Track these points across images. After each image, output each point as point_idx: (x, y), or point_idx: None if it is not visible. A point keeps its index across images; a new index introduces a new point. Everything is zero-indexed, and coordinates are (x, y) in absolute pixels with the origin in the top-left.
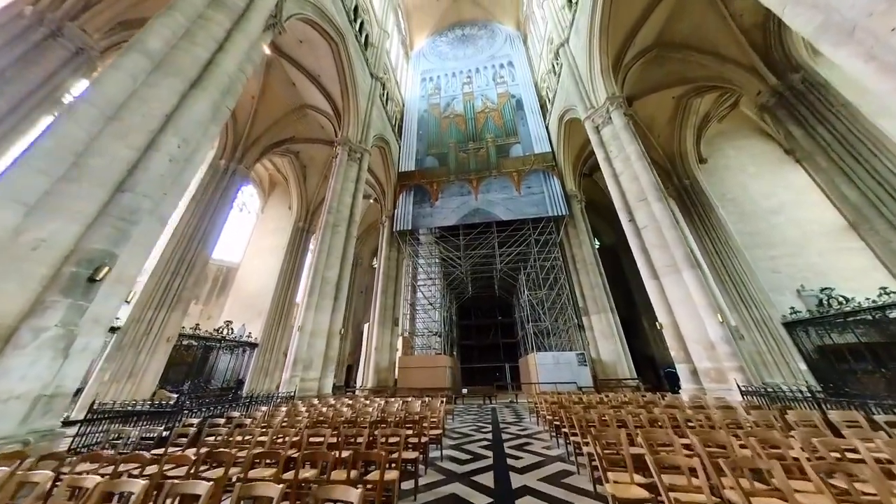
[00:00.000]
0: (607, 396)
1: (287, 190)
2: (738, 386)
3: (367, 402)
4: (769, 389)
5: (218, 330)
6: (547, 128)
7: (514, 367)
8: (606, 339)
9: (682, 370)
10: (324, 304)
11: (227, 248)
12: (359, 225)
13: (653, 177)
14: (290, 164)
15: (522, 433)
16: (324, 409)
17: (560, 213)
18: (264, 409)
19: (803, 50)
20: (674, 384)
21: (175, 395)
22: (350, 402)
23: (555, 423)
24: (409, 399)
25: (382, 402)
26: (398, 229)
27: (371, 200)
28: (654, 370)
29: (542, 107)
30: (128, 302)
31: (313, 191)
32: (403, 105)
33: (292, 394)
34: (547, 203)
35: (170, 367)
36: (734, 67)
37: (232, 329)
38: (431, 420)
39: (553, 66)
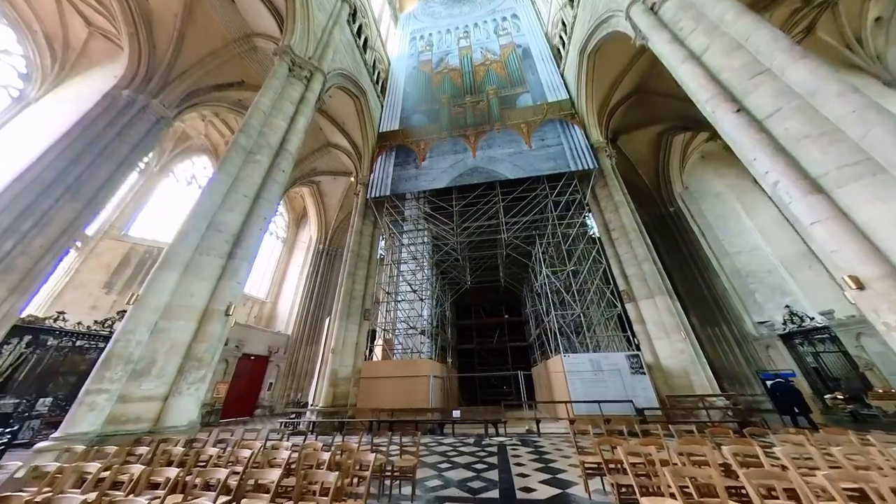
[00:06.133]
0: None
1: None
2: None
3: (221, 455)
4: None
5: (104, 323)
6: (562, 75)
7: (528, 375)
8: (668, 335)
9: None
10: (203, 262)
11: (161, 225)
12: (338, 209)
13: (775, 30)
14: None
15: None
16: None
17: (586, 167)
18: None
19: None
20: (786, 404)
21: None
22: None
23: None
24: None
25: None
26: (374, 195)
27: (352, 179)
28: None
29: (555, 57)
30: None
31: None
32: (389, 65)
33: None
34: (568, 156)
35: (50, 375)
36: None
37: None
38: None
39: None
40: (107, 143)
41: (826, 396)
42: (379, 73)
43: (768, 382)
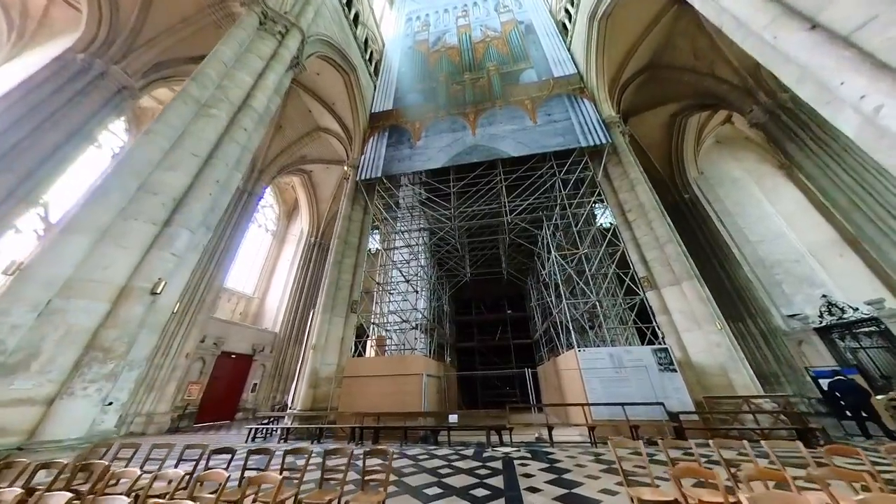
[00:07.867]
0: None
1: None
2: None
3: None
4: None
5: None
6: (569, 50)
7: (534, 374)
8: (700, 326)
9: None
10: (128, 228)
11: None
12: (330, 201)
13: None
14: None
15: None
16: None
17: (598, 143)
18: None
19: None
20: (849, 406)
21: None
22: None
23: None
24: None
25: None
26: (364, 177)
27: (345, 168)
28: None
29: (561, 34)
30: None
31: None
32: (383, 45)
33: None
34: (577, 132)
35: None
36: None
37: None
38: None
39: None
40: (54, 109)
41: (879, 397)
42: (372, 53)
43: (822, 381)
